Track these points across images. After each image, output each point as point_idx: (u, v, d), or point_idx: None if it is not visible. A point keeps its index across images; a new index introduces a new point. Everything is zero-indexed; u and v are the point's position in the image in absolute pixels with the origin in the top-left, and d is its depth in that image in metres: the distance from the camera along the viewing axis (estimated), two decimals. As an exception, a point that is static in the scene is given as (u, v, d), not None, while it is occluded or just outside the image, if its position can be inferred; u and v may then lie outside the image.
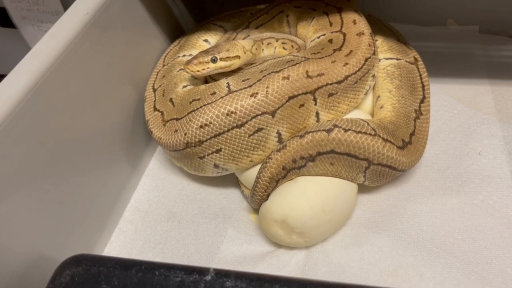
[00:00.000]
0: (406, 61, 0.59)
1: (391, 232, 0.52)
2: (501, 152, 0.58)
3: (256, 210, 0.55)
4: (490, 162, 0.57)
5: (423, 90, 0.57)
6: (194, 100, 0.52)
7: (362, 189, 0.55)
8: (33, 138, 0.44)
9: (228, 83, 0.52)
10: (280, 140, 0.52)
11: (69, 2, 0.65)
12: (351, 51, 0.53)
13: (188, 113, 0.52)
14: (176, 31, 0.72)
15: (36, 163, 0.44)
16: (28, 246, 0.45)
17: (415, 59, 0.60)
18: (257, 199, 0.52)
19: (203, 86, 0.55)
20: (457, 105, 0.65)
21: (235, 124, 0.49)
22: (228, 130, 0.50)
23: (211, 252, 0.53)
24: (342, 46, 0.54)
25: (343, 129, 0.48)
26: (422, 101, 0.56)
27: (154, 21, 0.65)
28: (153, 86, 0.61)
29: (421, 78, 0.58)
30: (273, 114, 0.49)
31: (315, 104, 0.51)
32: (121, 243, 0.56)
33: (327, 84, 0.50)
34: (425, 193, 0.55)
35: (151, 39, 0.66)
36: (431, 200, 0.54)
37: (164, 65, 0.64)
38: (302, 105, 0.51)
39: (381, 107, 0.55)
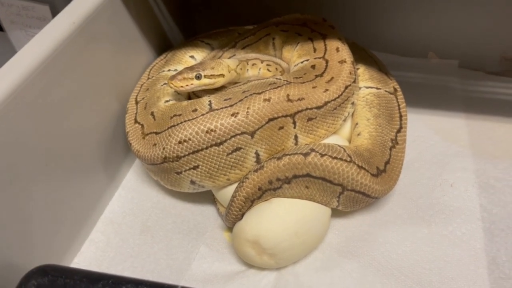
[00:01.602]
0: (386, 91, 0.60)
1: (361, 258, 0.52)
2: (472, 185, 0.59)
3: (230, 229, 0.55)
4: (461, 194, 0.58)
5: (401, 120, 0.58)
6: (175, 115, 0.53)
7: (336, 213, 0.56)
8: (9, 143, 0.43)
9: (210, 101, 0.52)
10: (258, 160, 0.52)
11: (58, 9, 0.66)
12: (332, 77, 0.54)
13: (168, 128, 0.52)
14: (164, 45, 0.73)
15: (9, 168, 0.44)
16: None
17: (395, 89, 0.61)
18: (232, 217, 0.53)
19: (185, 102, 0.55)
20: (433, 137, 0.66)
21: (214, 142, 0.50)
22: (206, 148, 0.50)
23: (182, 269, 0.53)
24: (324, 72, 0.55)
25: (320, 153, 0.49)
26: (398, 131, 0.57)
27: (142, 34, 0.66)
28: (136, 98, 0.61)
29: (399, 108, 0.59)
30: (252, 134, 0.50)
31: (294, 127, 0.52)
32: (92, 254, 0.55)
33: (307, 109, 0.51)
34: (396, 221, 0.56)
35: (138, 51, 0.67)
36: (402, 229, 0.55)
37: (148, 78, 0.64)
38: (281, 128, 0.51)
39: (359, 134, 0.56)
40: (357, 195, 0.51)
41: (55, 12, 0.67)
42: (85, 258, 0.55)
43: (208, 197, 0.61)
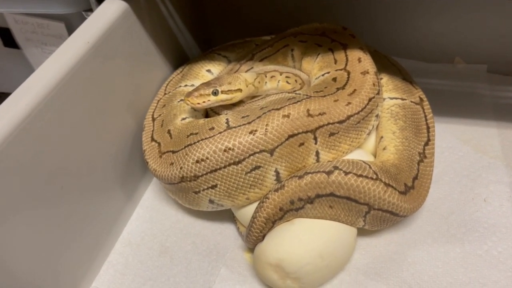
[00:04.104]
0: (411, 101, 0.57)
1: (390, 280, 0.50)
2: (507, 199, 0.56)
3: (251, 249, 0.53)
4: (496, 210, 0.55)
5: (428, 132, 0.55)
6: (192, 133, 0.51)
7: (362, 232, 0.53)
8: (25, 166, 0.42)
9: (227, 118, 0.51)
10: (278, 179, 0.50)
11: (74, 26, 0.65)
12: (355, 90, 0.52)
13: (185, 147, 0.50)
14: (180, 58, 0.72)
15: (24, 192, 0.43)
16: (11, 279, 0.43)
17: (421, 99, 0.58)
18: (252, 239, 0.51)
19: (201, 120, 0.53)
20: (463, 147, 0.63)
21: (232, 161, 0.48)
22: (224, 167, 0.48)
23: (202, 292, 0.51)
24: (345, 84, 0.53)
25: (344, 171, 0.47)
26: (426, 144, 0.54)
27: (157, 48, 0.65)
28: (153, 115, 0.60)
29: (426, 120, 0.56)
30: (271, 152, 0.48)
31: (315, 143, 0.50)
32: (110, 277, 0.54)
33: (328, 124, 0.49)
34: (427, 240, 0.53)
35: (154, 65, 0.65)
36: (433, 248, 0.52)
37: (165, 94, 0.63)
38: (302, 144, 0.49)
39: (384, 149, 0.54)
40: (385, 214, 0.48)
41: (70, 29, 0.66)
42: (104, 282, 0.53)
43: (227, 215, 0.59)
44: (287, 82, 0.60)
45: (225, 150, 0.48)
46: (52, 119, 0.45)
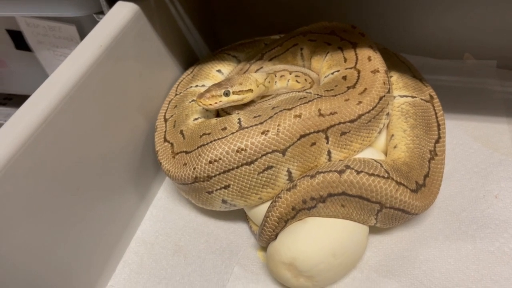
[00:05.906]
0: (422, 99, 0.57)
1: (402, 277, 0.50)
2: (518, 196, 0.56)
3: (264, 248, 0.54)
4: (507, 206, 0.55)
5: (439, 129, 0.55)
6: (204, 134, 0.52)
7: (373, 229, 0.54)
8: (43, 170, 0.43)
9: (239, 118, 0.51)
10: (290, 178, 0.50)
11: (85, 29, 0.66)
12: (365, 89, 0.52)
13: (198, 147, 0.51)
14: (190, 58, 0.72)
15: (42, 194, 0.44)
16: (31, 279, 0.44)
17: (431, 96, 0.58)
18: (265, 238, 0.51)
19: (214, 120, 0.54)
20: (473, 144, 0.63)
21: (244, 161, 0.48)
22: (237, 167, 0.49)
23: (217, 291, 0.52)
24: (356, 83, 0.53)
25: (356, 170, 0.47)
26: (437, 141, 0.54)
27: (168, 50, 0.65)
28: (165, 116, 0.61)
29: (436, 117, 0.56)
30: (283, 152, 0.49)
31: (327, 143, 0.50)
32: (126, 276, 0.55)
33: (339, 123, 0.49)
34: (438, 237, 0.53)
35: (165, 67, 0.66)
36: (444, 245, 0.52)
37: (176, 94, 0.64)
38: (313, 144, 0.50)
39: (395, 147, 0.54)
40: (396, 213, 0.49)
41: (81, 32, 0.67)
42: (120, 281, 0.54)
43: (240, 215, 0.59)
44: (297, 81, 0.61)
45: (237, 151, 0.48)
46: (68, 121, 0.46)
